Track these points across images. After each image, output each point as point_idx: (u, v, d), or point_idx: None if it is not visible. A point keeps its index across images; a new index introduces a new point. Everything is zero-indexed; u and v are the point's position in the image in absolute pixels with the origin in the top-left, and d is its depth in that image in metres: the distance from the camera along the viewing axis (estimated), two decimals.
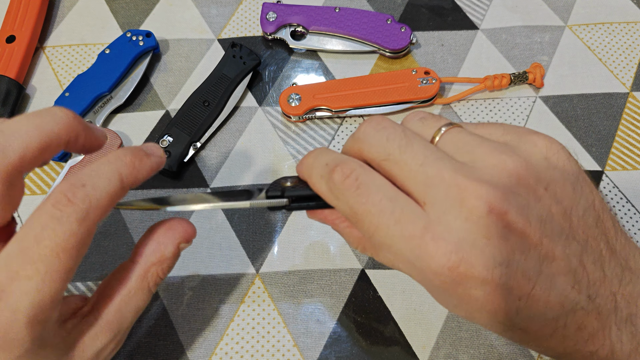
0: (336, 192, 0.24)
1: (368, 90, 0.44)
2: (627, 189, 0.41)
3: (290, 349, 0.36)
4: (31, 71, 0.47)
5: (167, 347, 0.36)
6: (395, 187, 0.23)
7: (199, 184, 0.42)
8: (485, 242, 0.21)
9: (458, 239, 0.21)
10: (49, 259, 0.21)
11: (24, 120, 0.23)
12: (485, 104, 0.45)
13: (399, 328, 0.36)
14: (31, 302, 0.21)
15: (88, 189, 0.23)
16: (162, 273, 0.27)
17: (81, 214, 0.22)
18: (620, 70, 0.47)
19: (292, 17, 0.47)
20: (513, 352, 0.35)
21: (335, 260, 0.39)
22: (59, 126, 0.24)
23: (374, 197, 0.22)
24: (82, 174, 0.23)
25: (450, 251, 0.21)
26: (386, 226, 0.22)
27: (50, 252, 0.21)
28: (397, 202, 0.22)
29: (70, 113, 0.24)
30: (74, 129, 0.24)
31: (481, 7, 0.50)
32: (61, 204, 0.22)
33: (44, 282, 0.21)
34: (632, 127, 0.44)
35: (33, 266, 0.21)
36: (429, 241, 0.21)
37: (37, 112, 0.24)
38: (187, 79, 0.46)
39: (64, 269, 0.22)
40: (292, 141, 0.43)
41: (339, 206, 0.24)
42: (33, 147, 0.23)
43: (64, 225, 0.22)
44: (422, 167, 0.22)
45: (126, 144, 0.43)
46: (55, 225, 0.21)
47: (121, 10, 0.50)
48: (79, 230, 0.22)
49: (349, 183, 0.23)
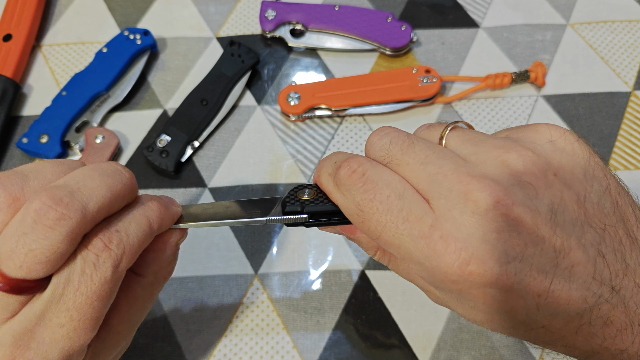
0: (342, 188, 0.23)
1: (368, 89, 0.43)
2: (629, 188, 0.41)
3: (289, 351, 0.35)
4: (28, 70, 0.47)
5: (165, 348, 0.35)
6: (404, 181, 0.22)
7: (197, 183, 0.41)
8: (495, 236, 0.20)
9: (467, 235, 0.20)
10: (83, 307, 0.21)
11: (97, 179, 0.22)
12: (487, 103, 0.45)
13: (400, 329, 0.36)
14: (60, 351, 0.21)
15: (122, 234, 0.22)
16: (167, 275, 0.27)
17: (116, 260, 0.22)
18: (623, 69, 0.46)
19: (291, 15, 0.47)
20: (514, 353, 0.35)
21: (335, 261, 0.38)
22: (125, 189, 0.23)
23: (382, 193, 0.22)
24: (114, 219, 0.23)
25: (460, 248, 0.20)
26: (394, 225, 0.21)
27: (86, 299, 0.21)
28: (405, 199, 0.22)
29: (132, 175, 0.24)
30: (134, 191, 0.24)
31: (482, 5, 0.50)
32: (98, 249, 0.21)
33: (75, 331, 0.21)
34: (634, 126, 0.44)
35: (67, 314, 0.21)
36: (437, 240, 0.20)
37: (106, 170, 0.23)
38: (185, 78, 0.46)
39: (95, 317, 0.21)
40: (291, 140, 0.43)
41: (345, 204, 0.23)
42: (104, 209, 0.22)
43: (100, 272, 0.21)
44: (423, 165, 0.22)
45: (124, 143, 0.43)
46: (92, 271, 0.21)
47: (118, 8, 0.50)
48: (113, 276, 0.21)
49: (355, 178, 0.22)
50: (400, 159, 0.23)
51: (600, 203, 0.22)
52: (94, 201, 0.21)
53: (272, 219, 0.25)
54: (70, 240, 0.20)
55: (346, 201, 0.23)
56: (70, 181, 0.22)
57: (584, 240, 0.21)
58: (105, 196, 0.22)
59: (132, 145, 0.43)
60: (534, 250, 0.20)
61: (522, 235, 0.20)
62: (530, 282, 0.20)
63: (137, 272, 0.26)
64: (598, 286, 0.21)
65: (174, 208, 0.26)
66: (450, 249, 0.20)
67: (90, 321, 0.21)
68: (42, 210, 0.20)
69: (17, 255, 0.20)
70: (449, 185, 0.21)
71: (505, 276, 0.20)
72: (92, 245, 0.21)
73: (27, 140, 0.41)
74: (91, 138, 0.42)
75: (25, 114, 0.45)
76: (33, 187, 0.22)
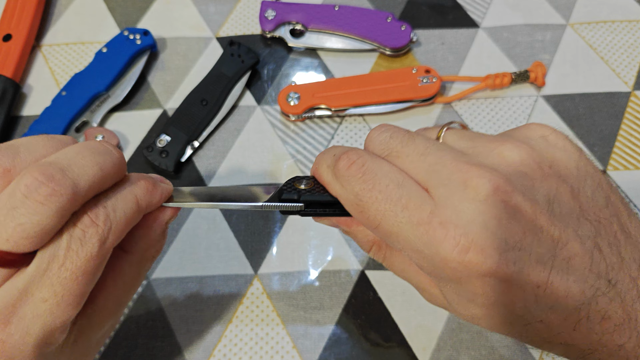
0: (341, 180, 0.23)
1: (368, 89, 0.43)
2: (629, 189, 0.41)
3: (289, 351, 0.35)
4: (28, 70, 0.47)
5: (165, 348, 0.35)
6: (403, 172, 0.23)
7: (196, 183, 0.41)
8: (494, 223, 0.20)
9: (466, 221, 0.20)
10: (68, 282, 0.21)
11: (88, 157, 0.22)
12: (487, 103, 0.45)
13: (399, 330, 0.36)
14: (42, 326, 0.21)
15: (109, 211, 0.22)
16: (156, 254, 0.26)
17: (102, 235, 0.21)
18: (622, 69, 0.46)
19: (291, 15, 0.47)
20: (514, 353, 0.35)
21: (335, 261, 0.38)
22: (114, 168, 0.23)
23: (381, 183, 0.22)
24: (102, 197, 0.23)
25: (459, 234, 0.20)
26: (393, 213, 0.21)
27: (71, 275, 0.21)
28: (404, 188, 0.22)
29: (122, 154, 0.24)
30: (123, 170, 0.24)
31: (482, 5, 0.50)
32: (85, 225, 0.21)
33: (58, 306, 0.21)
34: (634, 126, 0.44)
35: (51, 289, 0.20)
36: (436, 226, 0.20)
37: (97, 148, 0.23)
38: (184, 78, 0.46)
39: (80, 292, 0.21)
40: (291, 140, 0.43)
41: (344, 195, 0.23)
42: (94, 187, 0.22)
43: (86, 248, 0.21)
44: (422, 157, 0.22)
45: (123, 143, 0.43)
46: (78, 246, 0.21)
47: (118, 8, 0.50)
48: (99, 253, 0.21)
49: (354, 169, 0.22)
50: (400, 151, 0.23)
51: (594, 197, 0.22)
52: (84, 179, 0.21)
53: (267, 204, 0.25)
54: (59, 216, 0.20)
55: (345, 192, 0.23)
56: (62, 158, 0.22)
57: (580, 232, 0.21)
58: (95, 174, 0.22)
59: (132, 145, 0.43)
60: (532, 239, 0.20)
61: (521, 224, 0.20)
62: (529, 272, 0.20)
63: (125, 249, 0.25)
64: (595, 279, 0.21)
65: (163, 186, 0.26)
66: (449, 235, 0.20)
67: (75, 297, 0.21)
68: (33, 186, 0.20)
69: (5, 228, 0.20)
70: (448, 174, 0.21)
71: (505, 265, 0.20)
72: (79, 222, 0.21)
73: None
74: (91, 138, 0.41)
75: (25, 114, 0.45)
76: (25, 161, 0.22)
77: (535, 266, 0.20)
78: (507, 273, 0.20)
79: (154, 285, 0.37)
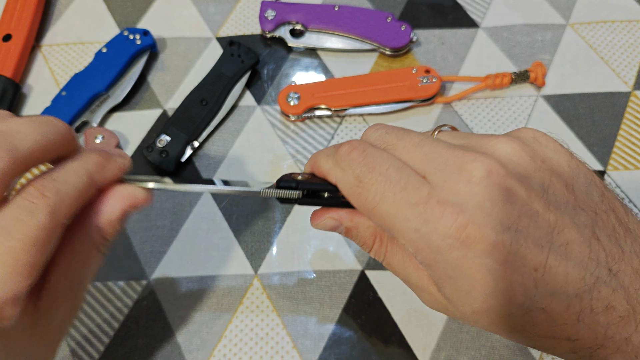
0: (343, 164, 0.24)
1: (368, 89, 0.43)
2: (629, 189, 0.41)
3: (289, 351, 0.35)
4: (28, 70, 0.47)
5: (165, 348, 0.35)
6: (401, 160, 0.23)
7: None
8: (490, 204, 0.21)
9: (463, 201, 0.21)
10: (18, 252, 0.20)
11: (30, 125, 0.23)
12: (486, 103, 0.45)
13: (399, 329, 0.36)
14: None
15: (59, 183, 0.22)
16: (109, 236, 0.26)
17: (52, 207, 0.21)
18: (622, 69, 0.46)
19: (291, 15, 0.47)
20: (514, 353, 0.35)
21: (335, 261, 0.38)
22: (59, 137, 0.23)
23: (382, 165, 0.23)
24: (52, 170, 0.23)
25: (457, 212, 0.21)
26: (392, 193, 0.22)
27: (21, 245, 0.20)
28: (403, 172, 0.23)
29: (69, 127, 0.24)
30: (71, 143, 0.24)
31: (482, 5, 0.50)
32: (33, 196, 0.21)
33: (8, 276, 0.20)
34: (634, 126, 0.44)
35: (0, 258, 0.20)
36: (435, 204, 0.21)
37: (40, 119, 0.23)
38: (184, 78, 0.46)
39: (31, 263, 0.21)
40: (291, 140, 0.43)
41: (344, 178, 0.24)
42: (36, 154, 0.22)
43: (36, 218, 0.21)
44: (418, 147, 0.23)
45: (123, 143, 0.43)
46: (27, 217, 0.21)
47: (118, 8, 0.50)
48: (50, 224, 0.21)
49: (356, 153, 0.23)
50: (396, 144, 0.24)
51: (588, 191, 0.22)
52: (24, 144, 0.21)
53: (266, 190, 0.26)
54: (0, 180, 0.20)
55: (345, 175, 0.24)
56: (1, 124, 0.22)
57: (577, 220, 0.21)
58: (37, 140, 0.22)
59: (132, 146, 0.43)
60: (528, 222, 0.21)
61: (516, 206, 0.21)
62: (526, 254, 0.20)
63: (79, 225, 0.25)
64: (595, 266, 0.21)
65: (119, 159, 0.26)
66: (447, 212, 0.21)
67: (25, 267, 0.21)
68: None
69: None
70: (444, 160, 0.22)
71: (502, 244, 0.20)
72: (26, 193, 0.21)
73: None
74: (91, 138, 0.41)
75: (25, 114, 0.45)
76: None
77: (532, 248, 0.20)
78: (504, 253, 0.20)
79: (154, 285, 0.37)
